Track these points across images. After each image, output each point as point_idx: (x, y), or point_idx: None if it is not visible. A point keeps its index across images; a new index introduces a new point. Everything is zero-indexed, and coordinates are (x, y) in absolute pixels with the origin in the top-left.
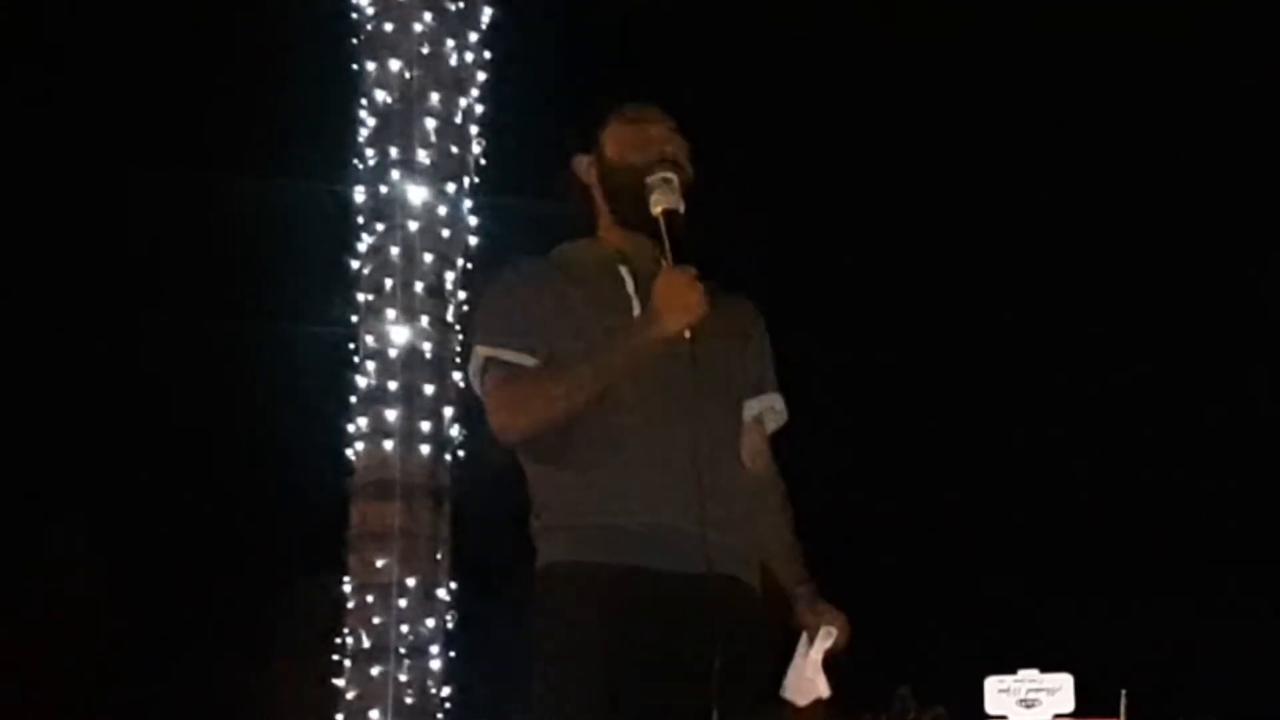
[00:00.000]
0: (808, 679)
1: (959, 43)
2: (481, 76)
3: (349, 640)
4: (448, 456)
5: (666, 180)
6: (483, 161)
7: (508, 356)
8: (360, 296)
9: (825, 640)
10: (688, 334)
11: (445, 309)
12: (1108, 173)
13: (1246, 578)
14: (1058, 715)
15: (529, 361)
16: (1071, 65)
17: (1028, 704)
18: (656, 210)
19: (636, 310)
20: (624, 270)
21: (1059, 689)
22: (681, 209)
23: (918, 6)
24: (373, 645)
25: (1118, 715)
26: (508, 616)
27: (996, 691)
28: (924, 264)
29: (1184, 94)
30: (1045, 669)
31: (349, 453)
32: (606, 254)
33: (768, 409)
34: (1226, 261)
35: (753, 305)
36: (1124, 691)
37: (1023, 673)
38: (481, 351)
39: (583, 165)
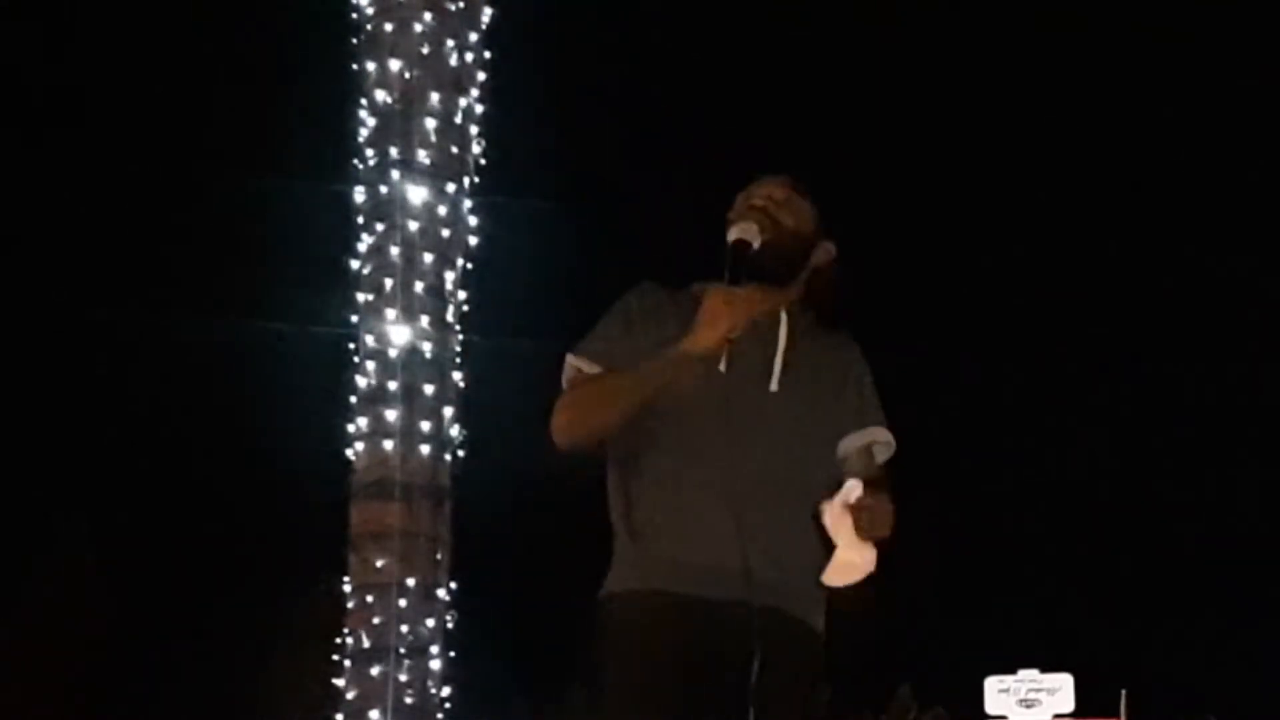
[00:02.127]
0: (841, 558)
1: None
2: (481, 76)
3: (349, 640)
4: (448, 456)
5: (746, 218)
6: (482, 161)
7: (582, 364)
8: (360, 296)
9: (846, 494)
10: (723, 359)
11: (445, 309)
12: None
13: (1245, 579)
14: (1058, 715)
15: (597, 372)
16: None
17: (1028, 704)
18: (730, 239)
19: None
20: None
21: (1059, 689)
22: (754, 243)
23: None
24: (373, 645)
25: (1118, 715)
26: (507, 616)
27: (997, 691)
28: (924, 258)
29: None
30: (1045, 669)
31: (349, 453)
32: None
33: (871, 443)
34: (1220, 261)
35: (853, 343)
36: (1124, 691)
37: (1023, 673)
38: (569, 359)
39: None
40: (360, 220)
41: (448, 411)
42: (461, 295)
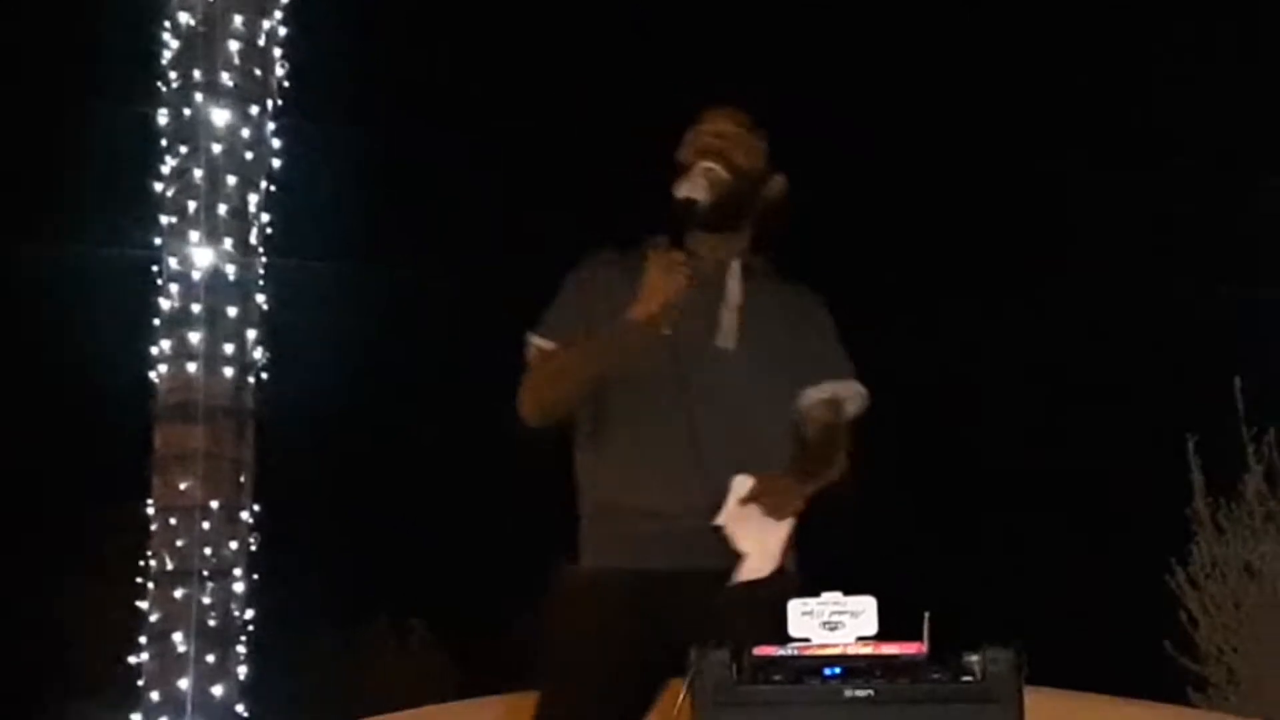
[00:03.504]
0: (746, 564)
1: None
2: None
3: (152, 563)
4: (251, 379)
5: (702, 169)
6: (286, 84)
7: (542, 344)
8: (163, 219)
9: (738, 489)
10: (667, 315)
11: (249, 231)
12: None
13: (1044, 509)
14: (861, 638)
15: (555, 349)
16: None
17: (831, 626)
18: (677, 196)
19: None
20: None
21: (862, 612)
22: (701, 198)
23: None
24: (176, 568)
25: (921, 639)
26: (311, 539)
27: (800, 615)
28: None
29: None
30: (849, 592)
31: (152, 375)
32: (668, 247)
33: (838, 393)
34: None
35: (814, 293)
36: (926, 615)
37: (826, 596)
38: (530, 339)
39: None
40: (163, 143)
41: (251, 334)
42: (265, 218)
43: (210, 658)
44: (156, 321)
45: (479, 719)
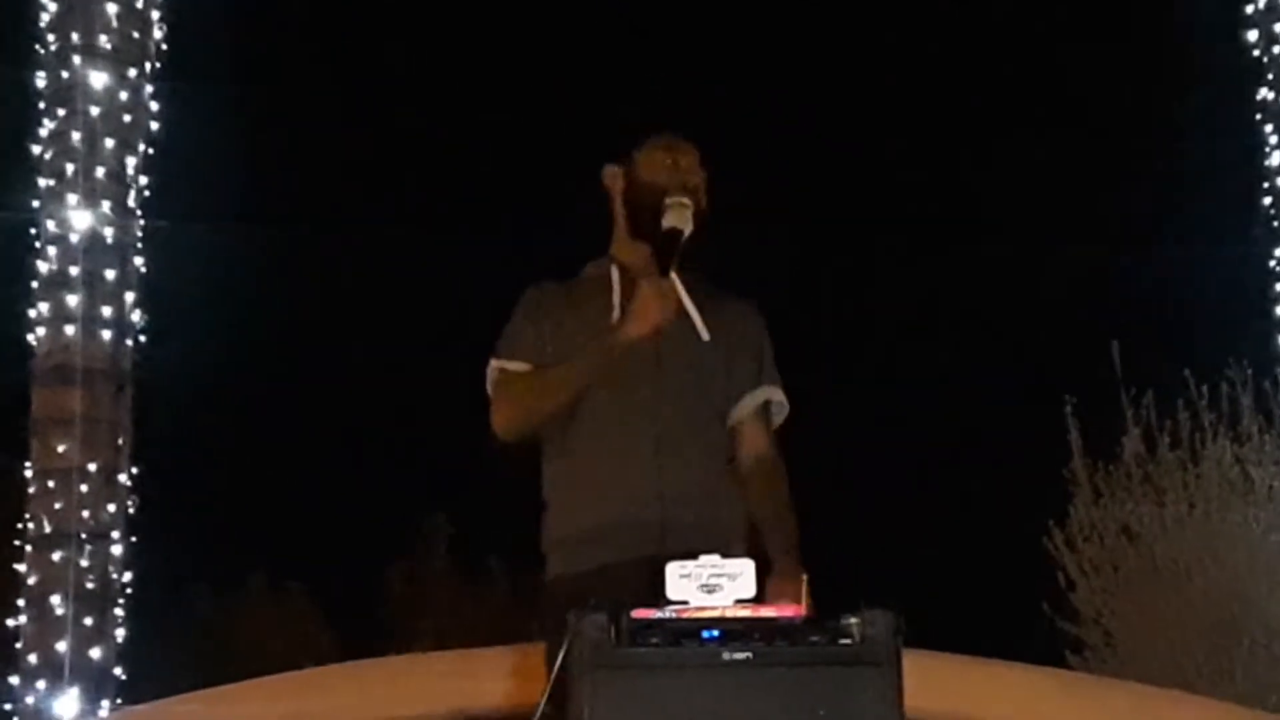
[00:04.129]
0: None
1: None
2: None
3: (30, 526)
4: (129, 342)
5: (683, 205)
6: (164, 46)
7: (509, 366)
8: (41, 181)
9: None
10: (654, 337)
11: (127, 194)
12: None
13: (922, 471)
14: (739, 600)
15: (525, 369)
16: None
17: (709, 589)
18: (665, 226)
19: (616, 315)
20: (616, 281)
21: (740, 574)
22: (687, 231)
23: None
24: (54, 530)
25: (799, 601)
26: (188, 502)
27: (678, 577)
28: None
29: None
30: (726, 555)
31: (30, 338)
32: (607, 269)
33: (766, 402)
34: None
35: (751, 307)
36: (805, 577)
37: (704, 558)
38: (491, 363)
39: (610, 174)
40: (41, 106)
41: (129, 297)
42: (143, 181)
43: (88, 620)
44: (34, 284)
45: (357, 681)
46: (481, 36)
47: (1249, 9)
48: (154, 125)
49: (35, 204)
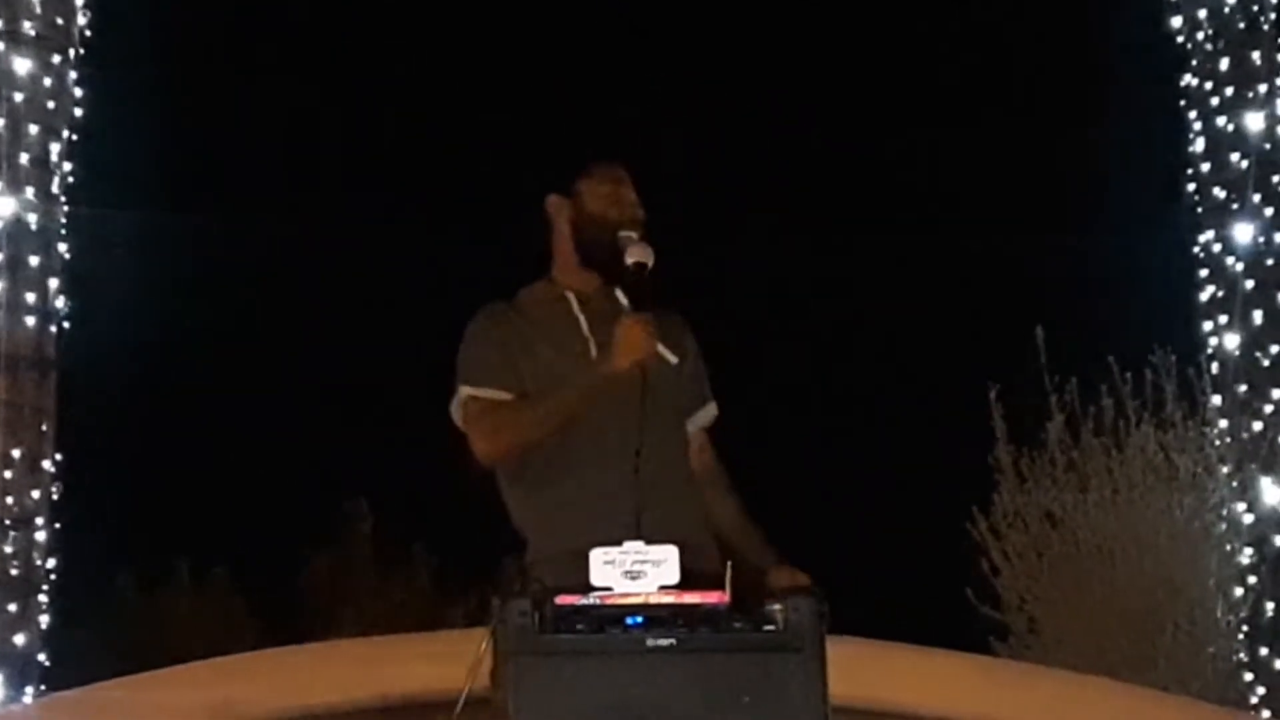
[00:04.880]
0: None
1: None
2: None
3: None
4: (53, 328)
5: (640, 239)
6: (89, 33)
7: (487, 394)
8: None
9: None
10: (639, 370)
11: (51, 180)
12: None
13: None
14: (663, 587)
15: (505, 397)
16: None
17: (633, 575)
18: (630, 261)
19: (593, 350)
20: (578, 310)
21: (664, 561)
22: (650, 263)
23: None
24: None
25: (723, 588)
26: (113, 489)
27: (602, 563)
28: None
29: None
30: (651, 541)
31: None
32: (560, 295)
33: (708, 416)
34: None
35: (683, 320)
36: (729, 564)
37: (628, 545)
38: (465, 391)
39: (555, 204)
40: None
41: (53, 283)
42: (67, 167)
43: (12, 607)
44: None
45: (280, 667)
46: (400, 20)
47: None
48: (78, 111)
49: None
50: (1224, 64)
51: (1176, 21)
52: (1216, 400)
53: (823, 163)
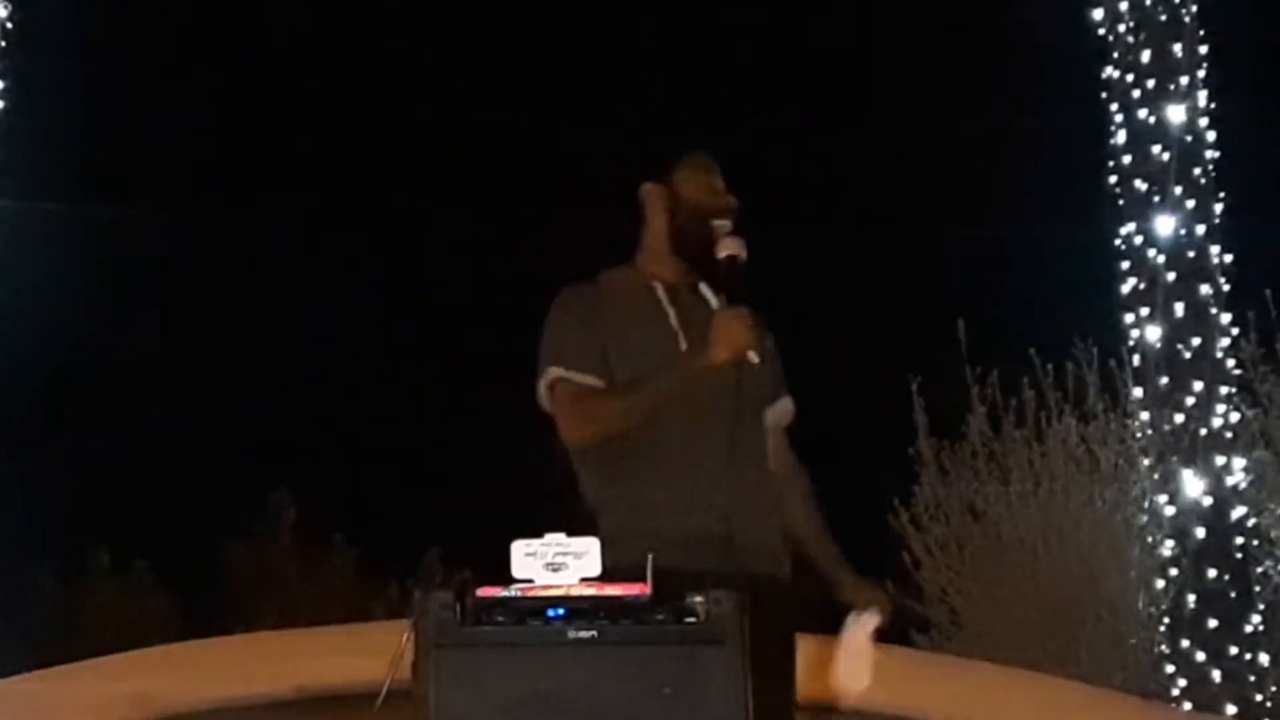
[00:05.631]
0: (854, 659)
1: None
2: None
3: None
4: None
5: (733, 230)
6: (9, 25)
7: (577, 378)
8: None
9: (872, 620)
10: (735, 367)
11: None
12: None
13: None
14: (584, 579)
15: (595, 382)
16: None
17: (554, 567)
18: (723, 254)
19: (682, 342)
20: (666, 301)
21: (586, 553)
22: (744, 256)
23: None
24: None
25: (645, 580)
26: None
27: (523, 555)
28: None
29: None
30: (572, 533)
31: None
32: (645, 283)
33: (784, 412)
34: None
35: (758, 316)
36: (651, 556)
37: (549, 537)
38: (554, 372)
39: (651, 192)
40: None
41: None
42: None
43: None
44: None
45: (201, 660)
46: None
47: None
48: (0, 104)
49: None
50: (1145, 57)
51: (1098, 14)
52: (1138, 392)
53: (741, 155)
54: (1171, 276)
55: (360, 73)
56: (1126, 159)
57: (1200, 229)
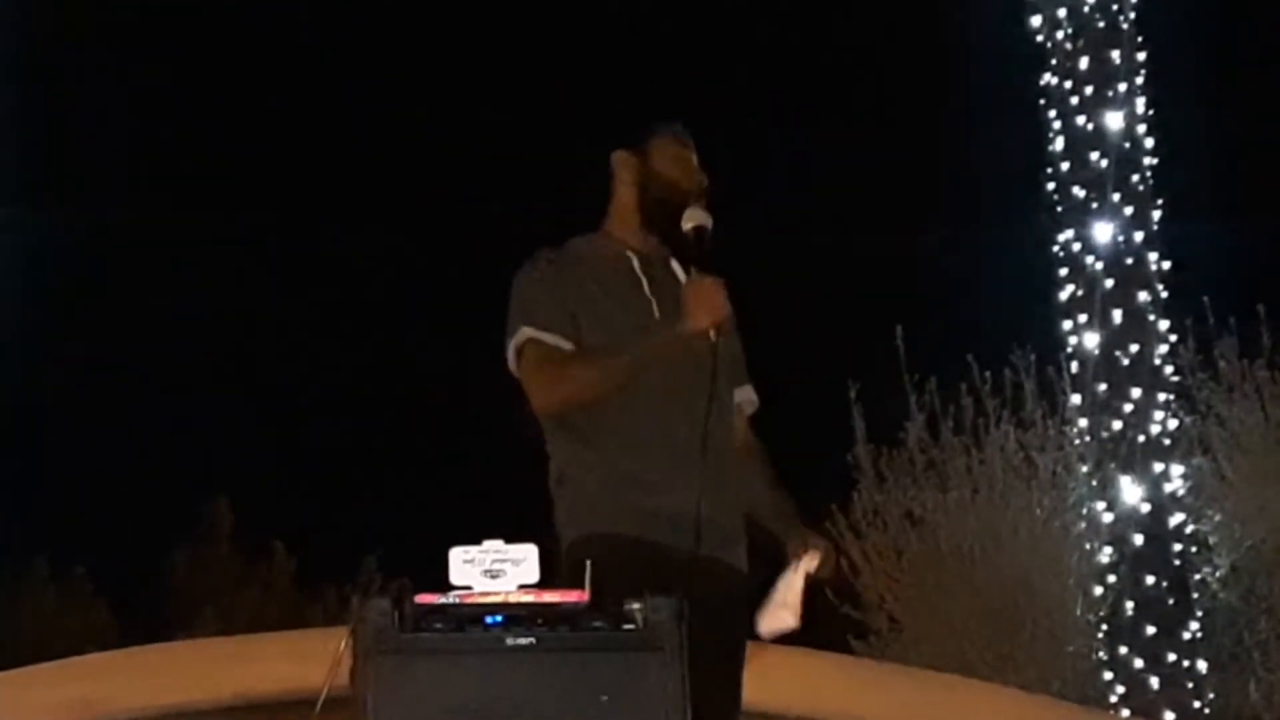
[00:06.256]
0: (779, 605)
1: None
2: None
3: None
4: None
5: (701, 205)
6: None
7: (548, 340)
8: None
9: (810, 562)
10: (712, 335)
11: None
12: None
13: None
14: (523, 585)
15: (566, 346)
16: None
17: (493, 574)
18: (689, 225)
19: (656, 311)
20: (639, 270)
21: (524, 559)
22: (709, 227)
23: None
24: None
25: (583, 586)
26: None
27: (461, 562)
28: None
29: None
30: (510, 540)
31: None
32: (618, 252)
33: (749, 401)
34: None
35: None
36: (589, 562)
37: (487, 543)
38: (526, 332)
39: (622, 160)
40: None
41: None
42: None
43: None
44: None
45: (140, 666)
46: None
47: None
48: None
49: None
50: (1083, 63)
51: (1036, 20)
52: (1076, 399)
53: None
54: (1110, 283)
55: (303, 77)
56: (1064, 165)
57: (1138, 236)
